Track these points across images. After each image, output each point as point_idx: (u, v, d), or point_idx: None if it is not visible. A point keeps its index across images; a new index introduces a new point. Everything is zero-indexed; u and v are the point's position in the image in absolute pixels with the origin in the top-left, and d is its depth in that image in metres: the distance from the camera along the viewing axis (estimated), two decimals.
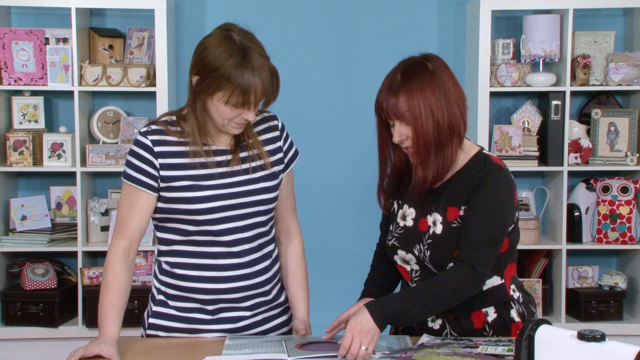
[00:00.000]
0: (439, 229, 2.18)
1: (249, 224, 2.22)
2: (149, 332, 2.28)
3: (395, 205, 2.31)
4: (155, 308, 2.29)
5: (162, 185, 2.18)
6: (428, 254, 2.18)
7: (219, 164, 2.21)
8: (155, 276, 2.32)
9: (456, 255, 2.14)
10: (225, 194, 2.19)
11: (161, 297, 2.28)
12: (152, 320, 2.28)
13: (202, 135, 2.19)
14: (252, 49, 2.09)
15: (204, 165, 2.19)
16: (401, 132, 2.14)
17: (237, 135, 2.23)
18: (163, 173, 2.17)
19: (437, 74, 2.14)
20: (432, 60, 2.18)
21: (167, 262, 2.26)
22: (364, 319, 2.04)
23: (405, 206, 2.27)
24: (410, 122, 2.11)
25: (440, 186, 2.21)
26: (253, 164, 2.24)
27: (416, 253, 2.21)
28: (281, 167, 2.31)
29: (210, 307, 2.24)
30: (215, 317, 2.25)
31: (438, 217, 2.19)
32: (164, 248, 2.26)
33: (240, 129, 2.18)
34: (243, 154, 2.24)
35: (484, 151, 2.24)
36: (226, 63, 2.07)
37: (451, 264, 2.15)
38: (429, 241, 2.18)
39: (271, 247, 2.32)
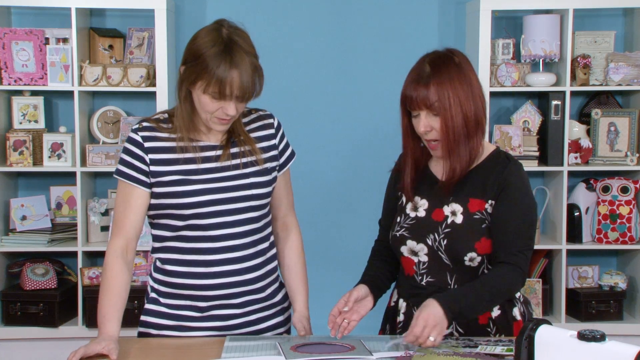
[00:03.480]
0: (459, 219, 2.19)
1: (239, 220, 2.22)
2: (141, 329, 2.30)
3: (404, 197, 2.32)
4: (147, 306, 2.30)
5: (153, 180, 2.19)
6: (444, 243, 2.19)
7: (208, 159, 2.22)
8: (150, 274, 2.33)
9: (484, 241, 2.17)
10: (214, 188, 2.20)
11: (154, 294, 2.29)
12: (143, 318, 2.30)
13: (190, 129, 2.21)
14: (237, 43, 2.10)
15: (192, 160, 2.20)
16: (427, 123, 2.17)
17: (228, 132, 2.25)
18: (153, 168, 2.19)
19: (463, 67, 2.19)
20: (457, 54, 2.23)
21: (159, 259, 2.27)
22: (435, 311, 2.05)
23: (417, 197, 2.28)
24: (440, 112, 2.14)
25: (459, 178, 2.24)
26: (244, 160, 2.24)
27: (429, 243, 2.22)
28: (275, 164, 2.31)
29: (201, 304, 2.24)
30: (206, 314, 2.25)
31: (458, 208, 2.20)
32: (157, 245, 2.28)
33: (223, 126, 2.19)
34: (234, 150, 2.25)
35: (500, 148, 2.30)
36: (208, 51, 2.08)
37: (470, 254, 2.17)
38: (447, 230, 2.19)
39: (265, 245, 2.31)
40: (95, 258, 4.03)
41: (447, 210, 2.22)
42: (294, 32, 4.13)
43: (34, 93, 3.98)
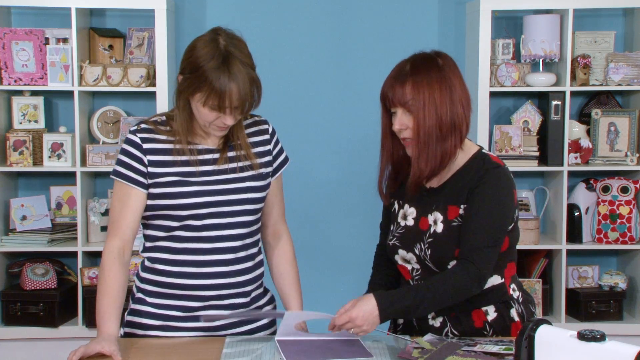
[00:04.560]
0: (439, 227, 2.19)
1: (233, 222, 2.24)
2: (126, 329, 2.30)
3: (396, 205, 2.32)
4: (133, 306, 2.31)
5: (150, 181, 2.21)
6: (429, 252, 2.19)
7: (206, 162, 2.24)
8: (137, 274, 2.34)
9: (457, 254, 2.14)
10: (212, 190, 2.21)
11: (140, 294, 2.30)
12: (129, 318, 2.30)
13: (189, 134, 2.23)
14: (234, 55, 2.11)
15: (190, 163, 2.22)
16: (402, 121, 2.16)
17: (226, 136, 2.26)
18: (151, 169, 2.20)
19: (446, 71, 2.17)
20: (443, 57, 2.21)
21: (149, 259, 2.28)
22: (369, 311, 2.05)
23: (406, 206, 2.28)
24: (413, 111, 2.14)
25: (440, 185, 2.23)
26: (240, 164, 2.26)
27: (417, 252, 2.21)
28: (270, 169, 2.33)
29: (192, 304, 2.24)
30: (191, 314, 2.25)
31: (439, 216, 2.19)
32: (148, 244, 2.29)
33: (222, 133, 2.21)
34: (231, 154, 2.27)
35: (483, 150, 2.25)
36: (206, 65, 2.10)
37: (453, 263, 2.15)
38: (430, 240, 2.19)
39: (255, 249, 2.32)
40: (95, 258, 4.03)
41: (430, 219, 2.21)
42: (293, 32, 4.12)
43: (34, 93, 3.98)
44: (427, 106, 2.12)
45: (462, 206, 2.17)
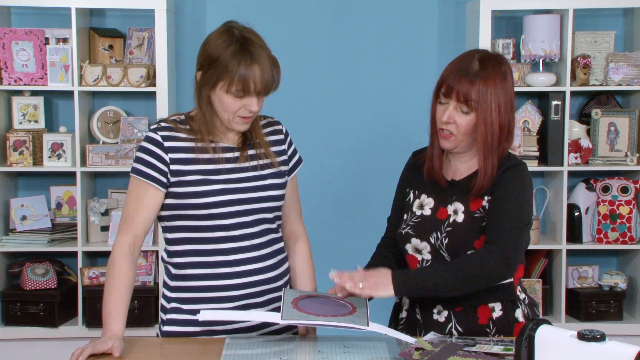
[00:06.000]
0: (460, 217, 2.21)
1: (256, 219, 2.25)
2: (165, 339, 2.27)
3: (412, 195, 2.34)
4: (169, 316, 2.27)
5: (173, 180, 2.19)
6: (446, 241, 2.21)
7: (227, 160, 2.24)
8: (165, 285, 2.31)
9: (478, 244, 2.17)
10: (235, 188, 2.21)
11: (174, 304, 2.27)
12: (167, 329, 2.26)
13: (209, 133, 2.22)
14: (251, 40, 2.14)
15: (212, 161, 2.22)
16: (451, 115, 2.18)
17: (244, 134, 2.27)
18: (173, 167, 2.20)
19: (507, 77, 2.21)
20: (505, 63, 2.24)
21: (177, 265, 2.26)
22: (382, 277, 2.09)
23: (423, 196, 2.30)
24: (479, 111, 2.15)
25: (464, 178, 2.26)
26: (261, 162, 2.28)
27: (432, 241, 2.23)
28: (286, 168, 2.35)
29: (226, 305, 2.23)
30: None
31: (460, 207, 2.22)
32: (173, 248, 2.26)
33: (246, 125, 2.21)
34: (251, 152, 2.28)
35: (509, 151, 2.31)
36: (224, 52, 2.11)
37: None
38: (448, 229, 2.21)
39: (280, 244, 2.34)
40: (95, 258, 4.03)
41: (450, 209, 2.24)
42: (294, 32, 4.13)
43: (34, 93, 3.98)
44: (494, 108, 2.16)
45: (485, 198, 2.20)
